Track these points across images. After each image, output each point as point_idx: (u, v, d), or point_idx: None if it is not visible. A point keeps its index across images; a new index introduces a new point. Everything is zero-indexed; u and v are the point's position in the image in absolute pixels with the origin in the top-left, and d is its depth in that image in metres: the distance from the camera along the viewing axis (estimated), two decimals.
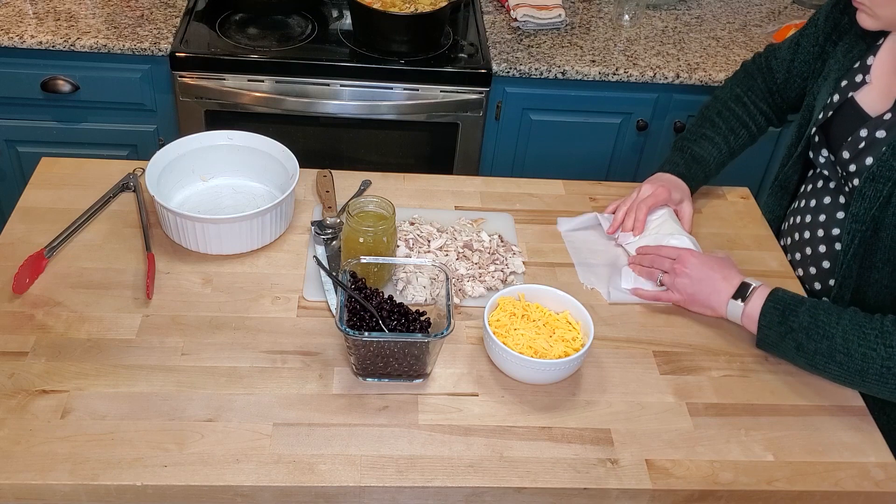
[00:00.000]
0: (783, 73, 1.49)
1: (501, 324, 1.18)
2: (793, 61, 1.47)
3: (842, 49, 1.35)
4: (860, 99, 1.29)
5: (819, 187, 1.38)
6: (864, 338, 1.13)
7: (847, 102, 1.30)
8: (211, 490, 1.01)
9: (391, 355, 1.10)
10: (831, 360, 1.15)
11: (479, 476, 1.05)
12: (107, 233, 1.35)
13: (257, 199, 1.43)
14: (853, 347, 1.13)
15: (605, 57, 2.12)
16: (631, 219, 1.40)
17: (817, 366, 1.17)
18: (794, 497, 1.08)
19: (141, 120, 2.12)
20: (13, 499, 1.00)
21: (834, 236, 1.33)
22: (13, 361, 1.12)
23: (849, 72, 1.32)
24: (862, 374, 1.13)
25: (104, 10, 2.10)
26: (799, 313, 1.17)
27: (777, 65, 1.51)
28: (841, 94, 1.32)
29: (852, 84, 1.31)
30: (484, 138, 2.17)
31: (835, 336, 1.14)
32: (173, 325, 1.20)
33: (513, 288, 1.23)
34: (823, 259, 1.35)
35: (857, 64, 1.31)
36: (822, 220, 1.35)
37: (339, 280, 1.14)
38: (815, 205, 1.38)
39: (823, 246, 1.35)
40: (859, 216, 1.24)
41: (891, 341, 1.11)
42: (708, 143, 1.49)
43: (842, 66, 1.34)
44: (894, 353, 1.11)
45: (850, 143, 1.27)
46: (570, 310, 1.21)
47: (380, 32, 2.06)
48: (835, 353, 1.14)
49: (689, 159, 1.48)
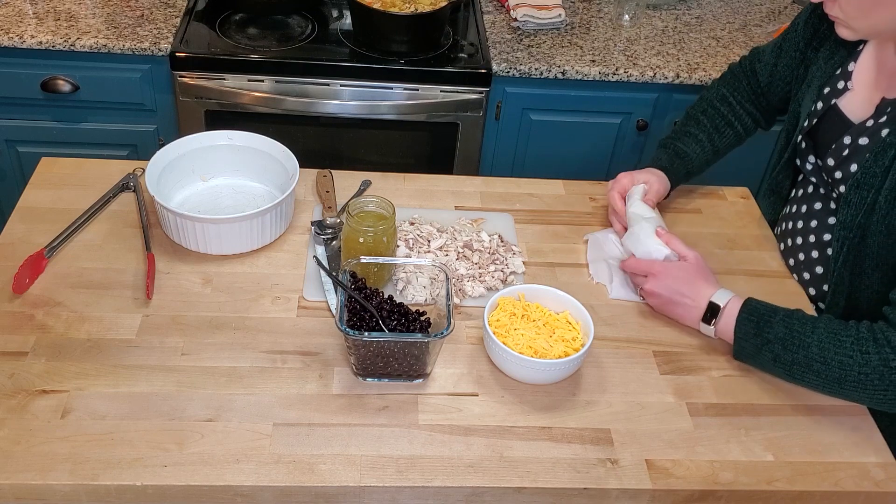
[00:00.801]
0: (766, 76, 1.50)
1: (501, 324, 1.18)
2: (776, 65, 1.47)
3: (823, 56, 1.35)
4: (843, 105, 1.29)
5: (809, 193, 1.38)
6: (840, 346, 1.12)
7: (831, 109, 1.30)
8: (211, 490, 1.01)
9: (391, 355, 1.10)
10: (808, 370, 1.14)
11: (479, 476, 1.05)
12: (107, 233, 1.35)
13: (257, 199, 1.43)
14: (829, 356, 1.12)
15: (605, 57, 2.12)
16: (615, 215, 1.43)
17: (795, 376, 1.17)
18: (794, 497, 1.08)
19: (141, 120, 2.12)
20: (13, 499, 1.00)
21: (825, 241, 1.33)
22: (13, 361, 1.12)
23: (831, 78, 1.32)
24: (840, 382, 1.13)
25: (104, 10, 2.10)
26: (773, 324, 1.17)
27: (761, 68, 1.51)
28: (825, 102, 1.31)
29: (835, 91, 1.30)
30: (484, 138, 2.17)
31: (811, 346, 1.14)
32: (173, 325, 1.20)
33: (513, 288, 1.24)
34: (816, 264, 1.35)
35: (839, 70, 1.31)
36: (814, 226, 1.35)
37: (339, 280, 1.14)
38: (806, 210, 1.38)
39: (816, 251, 1.35)
40: (846, 223, 1.23)
41: (866, 347, 1.11)
42: (692, 141, 1.50)
43: (824, 72, 1.33)
44: (870, 359, 1.10)
45: (834, 150, 1.27)
46: (570, 310, 1.21)
47: (380, 32, 2.06)
48: (812, 363, 1.14)
49: (673, 155, 1.49)
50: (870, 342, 1.11)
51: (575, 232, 1.46)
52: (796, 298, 1.36)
